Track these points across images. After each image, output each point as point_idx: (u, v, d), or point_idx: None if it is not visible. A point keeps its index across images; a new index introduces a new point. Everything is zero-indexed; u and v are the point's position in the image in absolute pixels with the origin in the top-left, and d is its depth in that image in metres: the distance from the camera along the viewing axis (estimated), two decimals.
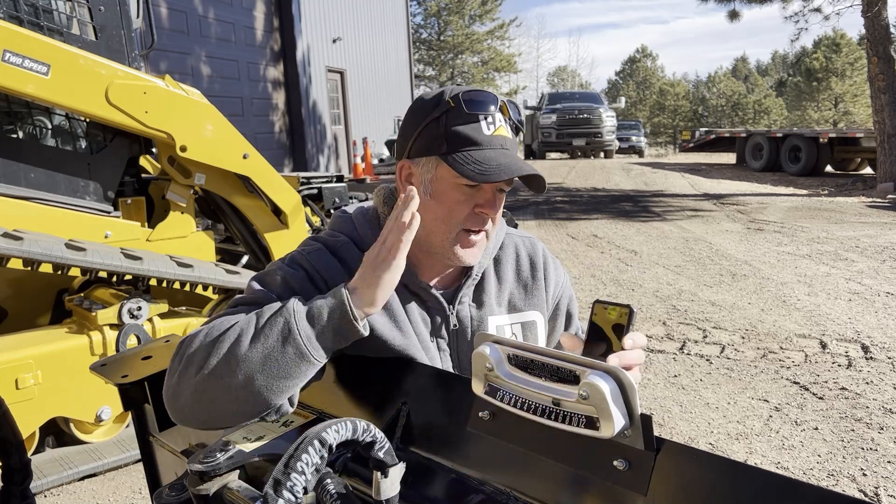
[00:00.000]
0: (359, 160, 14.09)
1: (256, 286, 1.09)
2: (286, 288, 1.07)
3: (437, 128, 1.09)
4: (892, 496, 2.52)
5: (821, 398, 3.37)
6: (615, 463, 0.73)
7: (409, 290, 1.16)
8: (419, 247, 1.14)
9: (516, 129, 1.15)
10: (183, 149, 3.04)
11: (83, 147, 3.10)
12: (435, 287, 1.19)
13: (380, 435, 0.78)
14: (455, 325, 1.19)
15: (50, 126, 3.01)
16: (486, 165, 1.06)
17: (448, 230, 1.12)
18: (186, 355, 0.97)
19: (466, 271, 1.21)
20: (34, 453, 2.70)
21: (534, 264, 1.28)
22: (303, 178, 4.56)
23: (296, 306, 0.96)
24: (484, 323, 1.20)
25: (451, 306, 1.19)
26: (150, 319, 2.87)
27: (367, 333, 0.98)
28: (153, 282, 2.94)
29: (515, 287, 1.26)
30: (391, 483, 0.79)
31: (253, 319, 0.97)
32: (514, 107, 1.15)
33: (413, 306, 1.16)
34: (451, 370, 1.19)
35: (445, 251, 1.13)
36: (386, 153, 16.53)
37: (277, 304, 0.98)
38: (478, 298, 1.22)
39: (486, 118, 1.09)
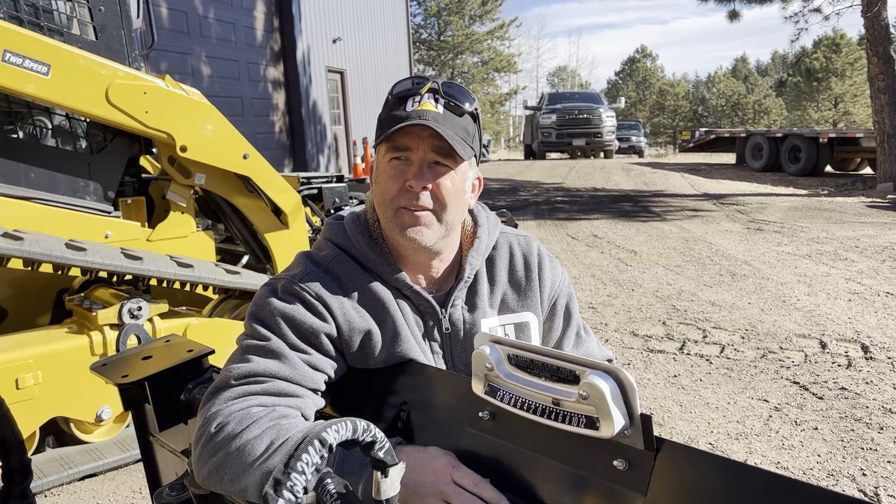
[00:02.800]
0: (359, 160, 14.09)
1: (260, 329, 1.08)
2: (291, 327, 1.07)
3: (378, 119, 1.15)
4: (892, 496, 2.52)
5: (821, 398, 3.37)
6: (615, 463, 0.73)
7: (402, 293, 1.16)
8: (388, 238, 1.17)
9: (458, 109, 1.12)
10: (183, 149, 3.04)
11: (83, 147, 3.10)
12: (426, 289, 1.18)
13: (380, 435, 0.78)
14: (447, 329, 1.18)
15: (50, 126, 3.01)
16: (395, 126, 1.08)
17: (386, 210, 1.14)
18: (209, 441, 0.97)
19: (458, 273, 1.21)
20: (34, 453, 2.70)
21: (528, 264, 1.27)
22: (303, 178, 4.55)
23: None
24: (477, 325, 1.19)
25: (444, 310, 1.18)
26: (150, 319, 2.87)
27: None
28: (153, 282, 2.94)
29: (508, 287, 1.25)
30: (391, 483, 0.79)
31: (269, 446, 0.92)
32: (454, 87, 1.14)
33: (405, 309, 1.16)
34: None
35: (394, 234, 1.14)
36: None
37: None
38: (471, 301, 1.21)
39: (412, 98, 1.11)
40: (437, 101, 1.11)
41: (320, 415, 1.06)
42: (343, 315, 1.10)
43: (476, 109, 1.15)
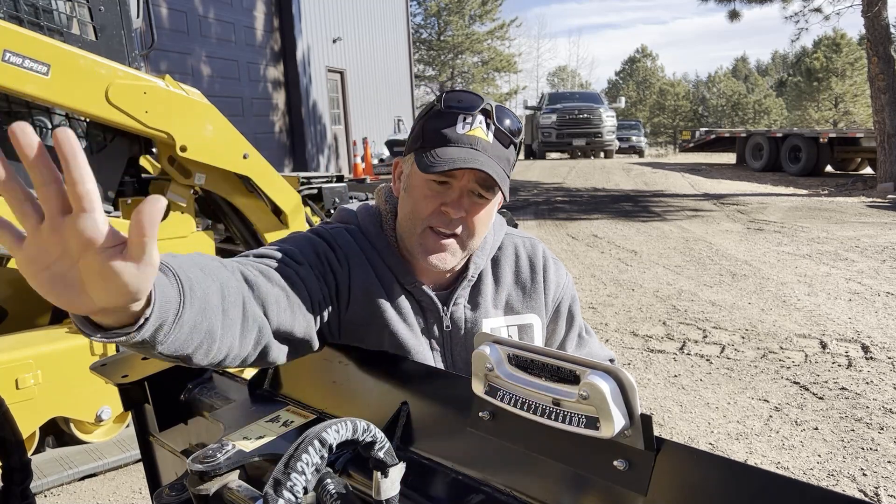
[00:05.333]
0: (359, 160, 14.09)
1: (280, 242, 1.12)
2: (312, 250, 1.11)
3: (420, 125, 1.11)
4: (892, 496, 2.52)
5: (821, 398, 3.37)
6: (615, 463, 0.73)
7: (405, 287, 1.17)
8: (405, 245, 1.16)
9: (507, 138, 1.10)
10: (183, 149, 3.04)
11: (83, 147, 3.09)
12: (430, 286, 1.19)
13: (380, 435, 0.78)
14: (448, 327, 1.19)
15: (50, 126, 3.01)
16: (441, 159, 1.04)
17: (414, 225, 1.12)
18: None
19: (462, 272, 1.21)
20: (34, 453, 2.70)
21: (533, 266, 1.27)
22: (303, 178, 4.55)
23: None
24: (478, 325, 1.20)
25: (446, 307, 1.18)
26: None
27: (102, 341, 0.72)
28: None
29: (514, 289, 1.25)
30: (391, 483, 0.79)
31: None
32: (506, 113, 1.10)
33: (406, 303, 1.16)
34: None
35: (415, 250, 1.13)
36: (386, 153, 16.52)
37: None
38: (473, 300, 1.21)
39: (464, 118, 1.07)
40: (488, 126, 1.08)
41: (320, 415, 1.07)
42: (358, 274, 1.13)
43: (520, 138, 1.13)
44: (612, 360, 1.37)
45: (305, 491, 0.70)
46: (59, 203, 0.59)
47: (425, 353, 1.16)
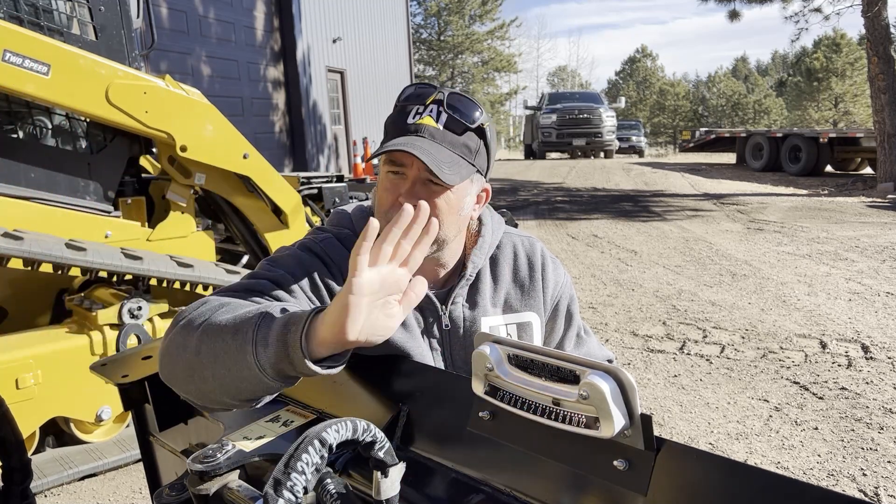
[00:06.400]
0: (359, 160, 14.08)
1: (268, 264, 1.11)
2: (303, 271, 1.10)
3: (385, 124, 1.14)
4: (892, 496, 2.52)
5: (821, 398, 3.37)
6: (615, 463, 0.73)
7: None
8: None
9: (459, 124, 1.09)
10: (183, 149, 3.04)
11: (83, 147, 3.10)
12: (428, 286, 1.18)
13: (380, 435, 0.78)
14: (447, 326, 1.19)
15: (50, 126, 3.01)
16: (385, 146, 1.06)
17: (381, 220, 1.11)
18: (174, 318, 1.01)
19: (460, 271, 1.21)
20: (34, 453, 2.70)
21: (532, 265, 1.27)
22: (303, 177, 4.56)
23: (271, 309, 0.89)
24: (477, 323, 1.20)
25: (444, 306, 1.18)
26: (150, 319, 2.87)
27: (320, 373, 0.84)
28: (153, 282, 2.94)
29: (512, 287, 1.25)
30: (391, 483, 0.79)
31: (235, 309, 0.94)
32: (462, 102, 1.10)
33: None
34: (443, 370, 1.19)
35: None
36: None
37: (265, 307, 0.92)
38: (472, 299, 1.21)
39: (416, 109, 1.09)
40: (439, 115, 1.08)
41: (320, 414, 1.06)
42: None
43: (483, 123, 1.11)
44: (610, 361, 1.37)
45: (305, 491, 0.70)
46: (399, 256, 0.86)
47: (425, 353, 1.16)
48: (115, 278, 2.91)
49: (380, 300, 0.85)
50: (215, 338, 0.89)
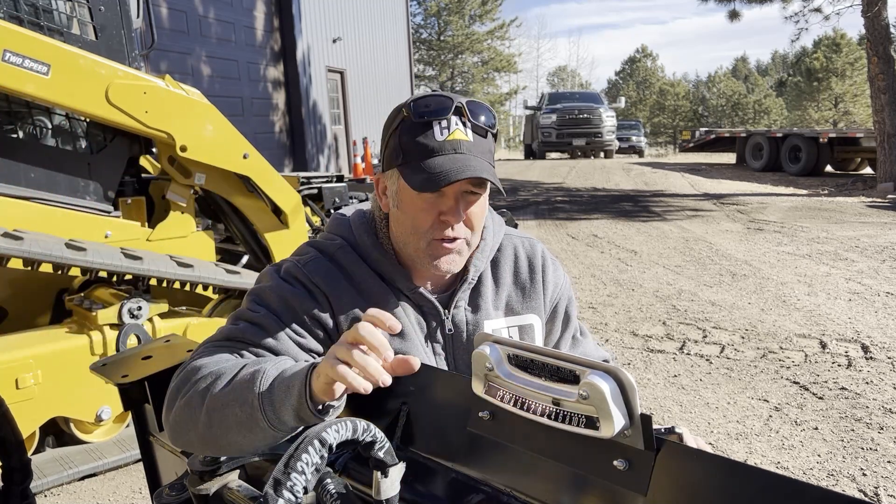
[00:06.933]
0: (359, 160, 14.07)
1: (255, 304, 1.09)
2: (286, 308, 1.08)
3: (395, 139, 1.09)
4: (892, 496, 2.52)
5: (821, 398, 3.37)
6: (615, 463, 0.73)
7: (403, 293, 1.16)
8: (407, 255, 1.15)
9: (483, 130, 1.09)
10: (183, 149, 3.04)
11: (83, 147, 3.10)
12: (430, 291, 1.18)
13: (380, 435, 0.78)
14: (450, 330, 1.18)
15: (50, 126, 3.01)
16: (431, 173, 1.03)
17: (417, 240, 1.10)
18: (172, 388, 1.00)
19: (462, 275, 1.21)
20: (34, 453, 2.70)
21: (532, 266, 1.27)
22: (303, 178, 4.56)
23: (267, 373, 0.91)
24: (480, 327, 1.19)
25: (447, 311, 1.18)
26: (150, 319, 2.87)
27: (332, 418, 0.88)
28: (153, 282, 2.94)
29: (513, 290, 1.25)
30: (391, 483, 0.79)
31: (229, 375, 0.95)
32: (480, 108, 1.09)
33: (408, 309, 1.16)
34: None
35: (423, 261, 1.12)
36: None
37: (254, 365, 0.94)
38: (474, 302, 1.21)
39: (439, 123, 1.06)
40: (465, 125, 1.07)
41: None
42: (342, 306, 1.10)
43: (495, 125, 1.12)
44: (606, 361, 1.37)
45: (305, 491, 0.70)
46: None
47: (430, 358, 1.16)
48: (114, 278, 2.91)
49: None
50: (222, 411, 0.92)
